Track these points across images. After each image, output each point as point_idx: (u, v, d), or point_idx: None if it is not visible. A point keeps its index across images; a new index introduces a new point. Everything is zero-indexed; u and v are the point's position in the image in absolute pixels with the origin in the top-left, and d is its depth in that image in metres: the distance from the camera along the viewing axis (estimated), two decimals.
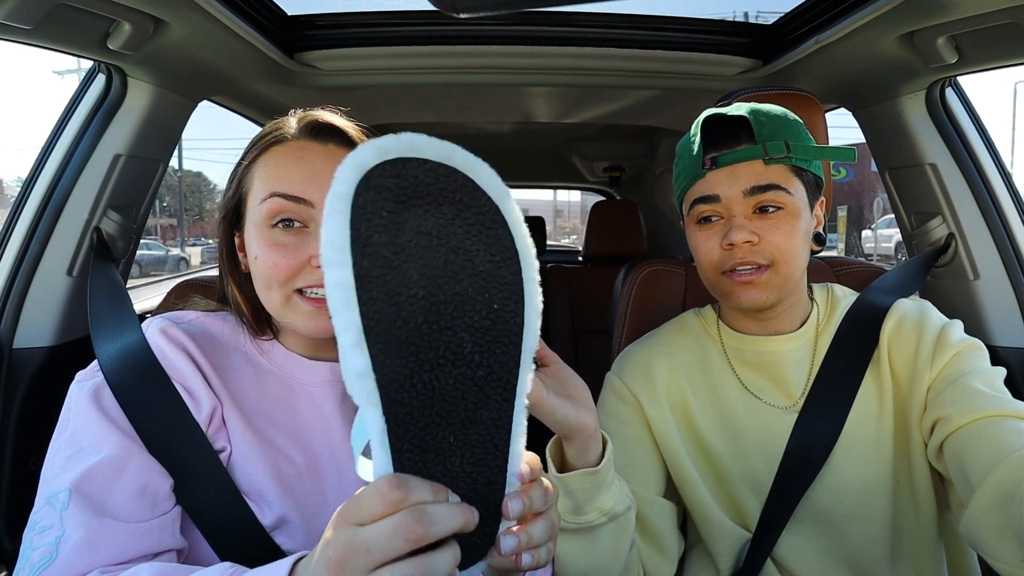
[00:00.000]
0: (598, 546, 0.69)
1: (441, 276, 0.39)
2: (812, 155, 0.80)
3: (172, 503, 0.65)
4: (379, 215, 0.38)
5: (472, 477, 0.42)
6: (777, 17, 1.33)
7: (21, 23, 0.84)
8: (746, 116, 0.79)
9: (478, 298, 0.41)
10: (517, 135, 2.67)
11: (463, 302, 0.40)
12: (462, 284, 0.40)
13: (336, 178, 0.38)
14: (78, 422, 0.64)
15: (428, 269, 0.39)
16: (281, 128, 0.72)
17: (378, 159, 0.38)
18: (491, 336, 0.41)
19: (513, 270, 0.42)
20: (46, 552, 0.56)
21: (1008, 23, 0.91)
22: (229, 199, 0.74)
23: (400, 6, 1.37)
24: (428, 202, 0.39)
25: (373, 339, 0.38)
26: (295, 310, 0.68)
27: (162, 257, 19.57)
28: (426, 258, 0.39)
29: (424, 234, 0.39)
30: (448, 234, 0.40)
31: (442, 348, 0.40)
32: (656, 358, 0.92)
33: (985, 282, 1.18)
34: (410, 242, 0.39)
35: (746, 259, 0.79)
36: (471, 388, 0.41)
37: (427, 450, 0.40)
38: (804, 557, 0.83)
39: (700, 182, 0.82)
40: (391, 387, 0.38)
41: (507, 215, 0.42)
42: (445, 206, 0.40)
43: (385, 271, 0.38)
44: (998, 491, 0.63)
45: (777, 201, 0.79)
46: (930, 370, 0.79)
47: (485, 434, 0.42)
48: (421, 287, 0.39)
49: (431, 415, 0.40)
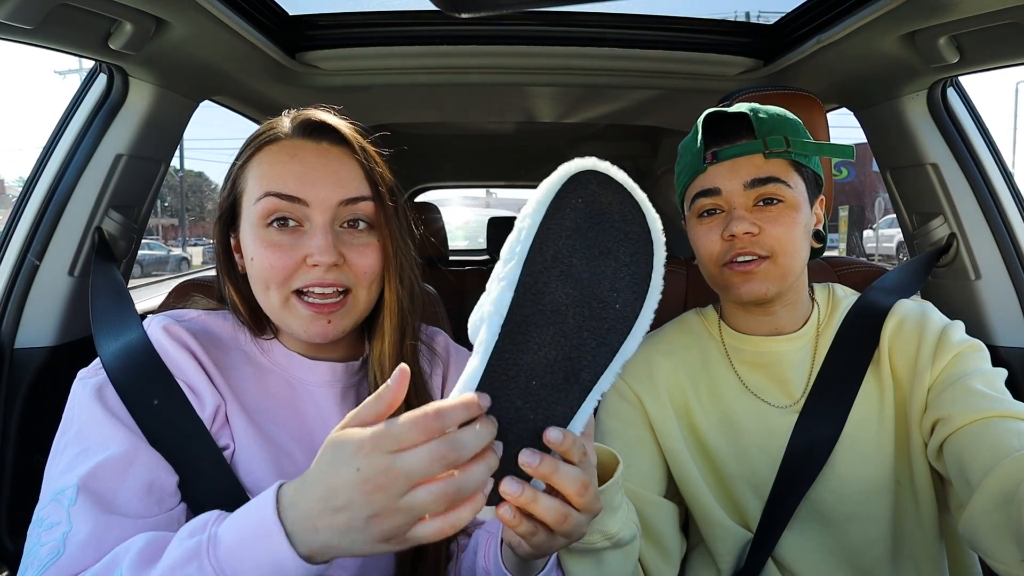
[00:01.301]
0: (603, 570, 0.69)
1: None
2: (811, 150, 0.82)
3: (178, 499, 0.65)
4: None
5: (532, 421, 0.48)
6: (778, 17, 1.33)
7: (23, 23, 0.84)
8: (746, 112, 0.81)
9: (608, 298, 0.49)
10: (519, 135, 2.67)
11: (596, 299, 0.48)
12: (602, 287, 0.48)
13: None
14: (83, 420, 0.64)
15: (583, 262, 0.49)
16: (275, 128, 0.72)
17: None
18: (606, 327, 0.49)
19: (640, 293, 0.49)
20: (54, 547, 0.56)
21: (1009, 23, 0.91)
22: (224, 199, 0.74)
23: (402, 6, 1.37)
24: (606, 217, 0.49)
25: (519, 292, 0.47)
26: (293, 313, 0.68)
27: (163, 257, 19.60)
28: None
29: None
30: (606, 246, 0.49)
31: (569, 318, 0.48)
32: (658, 357, 0.92)
33: (986, 282, 1.18)
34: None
35: (746, 250, 0.80)
36: (574, 352, 0.48)
37: (511, 378, 0.47)
38: (805, 557, 0.82)
39: (701, 176, 0.83)
40: (517, 322, 0.47)
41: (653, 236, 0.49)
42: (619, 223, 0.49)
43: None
44: (997, 492, 0.63)
45: (777, 194, 0.80)
46: (931, 371, 0.79)
47: (562, 394, 0.48)
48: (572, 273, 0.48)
49: (532, 355, 0.47)
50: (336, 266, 0.67)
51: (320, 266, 0.66)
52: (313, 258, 0.66)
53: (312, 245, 0.67)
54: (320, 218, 0.68)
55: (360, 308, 0.71)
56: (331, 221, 0.68)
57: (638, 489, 0.84)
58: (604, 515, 0.66)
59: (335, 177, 0.69)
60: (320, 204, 0.68)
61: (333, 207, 0.68)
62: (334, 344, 0.75)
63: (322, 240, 0.66)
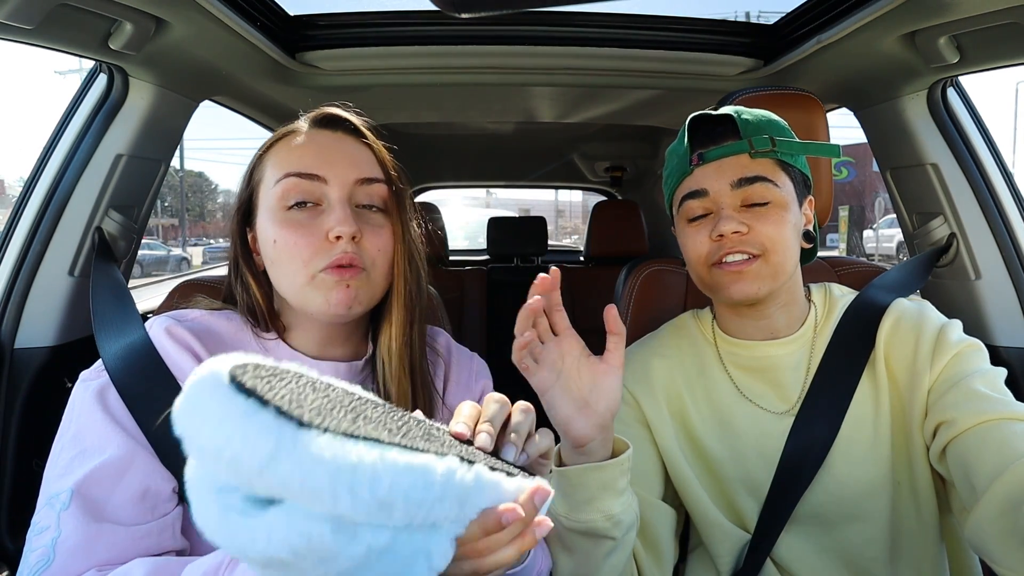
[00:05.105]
0: (597, 552, 0.70)
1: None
2: (797, 150, 0.82)
3: (173, 504, 0.65)
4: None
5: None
6: (778, 17, 1.33)
7: (23, 23, 0.84)
8: (731, 114, 0.81)
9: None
10: (519, 135, 2.67)
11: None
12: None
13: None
14: (82, 422, 0.64)
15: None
16: (292, 126, 0.76)
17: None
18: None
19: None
20: (43, 554, 0.56)
21: (1009, 23, 0.91)
22: (242, 191, 0.76)
23: (402, 6, 1.37)
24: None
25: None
26: (320, 286, 0.68)
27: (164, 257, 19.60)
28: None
29: None
30: None
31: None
32: (654, 360, 0.92)
33: (986, 282, 1.18)
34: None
35: (736, 249, 0.79)
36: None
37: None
38: (803, 558, 0.82)
39: (688, 178, 0.83)
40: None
41: None
42: None
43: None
44: (1005, 498, 0.62)
45: (765, 196, 0.79)
46: (930, 371, 0.78)
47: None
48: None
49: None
50: (354, 240, 0.68)
51: (343, 238, 0.67)
52: (334, 231, 0.67)
53: (332, 219, 0.68)
54: (337, 194, 0.70)
55: (375, 287, 0.72)
56: (348, 198, 0.70)
57: (637, 490, 0.84)
58: (607, 496, 0.67)
59: (351, 159, 0.72)
60: (337, 180, 0.70)
61: (350, 184, 0.70)
62: (341, 343, 0.76)
63: (341, 212, 0.68)
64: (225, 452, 0.31)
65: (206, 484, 0.34)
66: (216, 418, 0.31)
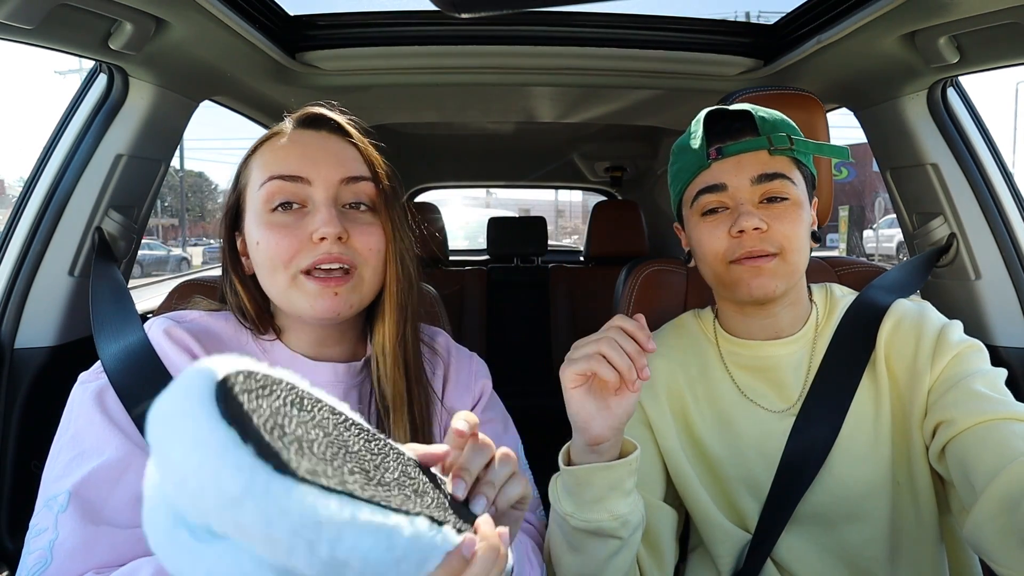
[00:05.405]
0: (605, 552, 0.71)
1: None
2: (811, 149, 0.82)
3: None
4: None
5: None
6: (778, 17, 1.33)
7: (23, 23, 0.84)
8: (749, 111, 0.81)
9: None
10: (519, 135, 2.67)
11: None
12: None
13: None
14: (80, 424, 0.64)
15: None
16: (277, 128, 0.75)
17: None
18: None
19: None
20: (40, 556, 0.56)
21: (1010, 23, 0.91)
22: (229, 195, 0.76)
23: (402, 6, 1.37)
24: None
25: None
26: (301, 290, 0.68)
27: (164, 257, 19.60)
28: None
29: None
30: None
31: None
32: (655, 360, 0.92)
33: (987, 282, 1.18)
34: None
35: (756, 248, 0.79)
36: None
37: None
38: (804, 557, 0.82)
39: (705, 173, 0.83)
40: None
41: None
42: None
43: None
44: (1003, 497, 0.63)
45: (783, 191, 0.80)
46: (930, 372, 0.78)
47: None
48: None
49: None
50: (341, 241, 0.68)
51: (327, 239, 0.67)
52: (319, 232, 0.67)
53: (316, 220, 0.68)
54: (322, 195, 0.69)
55: (366, 288, 0.71)
56: (334, 199, 0.70)
57: (639, 491, 0.85)
58: (614, 496, 0.68)
59: (336, 158, 0.71)
60: (322, 181, 0.69)
61: (335, 184, 0.70)
62: (336, 343, 0.76)
63: (326, 213, 0.68)
64: (190, 482, 0.28)
65: (162, 497, 0.32)
66: (190, 442, 0.29)
